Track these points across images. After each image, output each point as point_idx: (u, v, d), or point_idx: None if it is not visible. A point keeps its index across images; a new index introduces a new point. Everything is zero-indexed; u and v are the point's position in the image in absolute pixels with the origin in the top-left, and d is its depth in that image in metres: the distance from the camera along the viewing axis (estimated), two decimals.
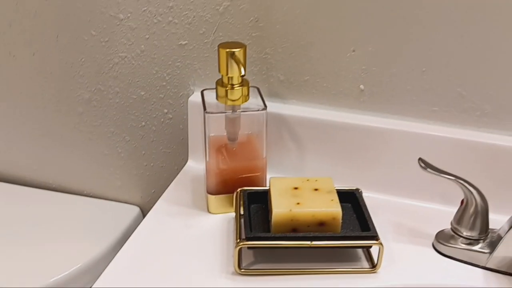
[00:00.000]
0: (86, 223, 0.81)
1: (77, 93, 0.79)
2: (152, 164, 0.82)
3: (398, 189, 0.66)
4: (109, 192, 0.87)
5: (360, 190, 0.61)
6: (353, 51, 0.63)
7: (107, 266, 0.56)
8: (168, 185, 0.68)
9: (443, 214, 0.61)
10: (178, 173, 0.72)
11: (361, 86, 0.65)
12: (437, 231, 0.60)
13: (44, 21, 0.74)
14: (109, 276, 0.55)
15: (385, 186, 0.66)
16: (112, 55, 0.74)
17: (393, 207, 0.65)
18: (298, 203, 0.54)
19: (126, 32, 0.71)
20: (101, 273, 0.55)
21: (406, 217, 0.64)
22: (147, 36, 0.71)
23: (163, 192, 0.67)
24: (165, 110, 0.76)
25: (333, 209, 0.54)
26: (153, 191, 0.84)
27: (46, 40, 0.75)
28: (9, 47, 0.78)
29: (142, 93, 0.75)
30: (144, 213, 0.87)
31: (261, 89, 0.66)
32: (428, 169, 0.56)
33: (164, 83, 0.74)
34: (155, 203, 0.66)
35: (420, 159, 0.57)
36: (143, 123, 0.78)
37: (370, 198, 0.63)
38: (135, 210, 0.86)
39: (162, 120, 0.77)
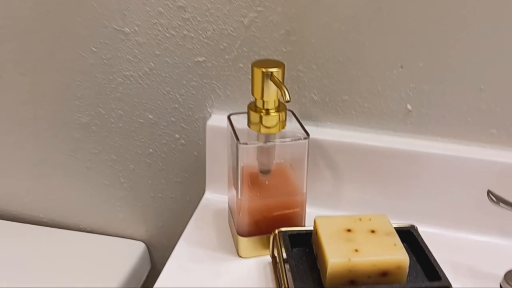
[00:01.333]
0: (86, 262, 0.72)
1: (74, 116, 0.69)
2: (160, 195, 0.73)
3: (453, 222, 0.59)
4: (109, 226, 0.77)
5: (415, 227, 0.53)
6: (401, 67, 0.56)
7: None
8: (178, 218, 0.59)
9: (503, 250, 0.54)
10: (190, 206, 0.64)
11: (409, 106, 0.57)
12: (501, 269, 0.52)
13: (37, 36, 0.64)
14: None
15: (437, 219, 0.59)
16: (115, 74, 0.64)
17: (449, 243, 0.58)
18: (356, 250, 0.46)
19: (133, 48, 0.62)
20: None
21: (464, 254, 0.56)
22: (157, 52, 0.62)
23: (171, 226, 0.58)
24: (177, 136, 0.67)
25: (398, 256, 0.46)
26: (160, 224, 0.75)
27: (39, 58, 0.65)
28: None
29: (150, 116, 0.66)
30: (150, 249, 0.77)
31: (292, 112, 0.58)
32: (501, 204, 0.49)
33: (177, 105, 0.64)
34: (162, 238, 0.57)
35: (489, 191, 0.50)
36: (151, 150, 0.69)
37: (422, 234, 0.55)
38: (141, 246, 0.77)
39: (173, 146, 0.68)
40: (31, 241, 0.75)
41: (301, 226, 0.55)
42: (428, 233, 0.58)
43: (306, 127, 0.60)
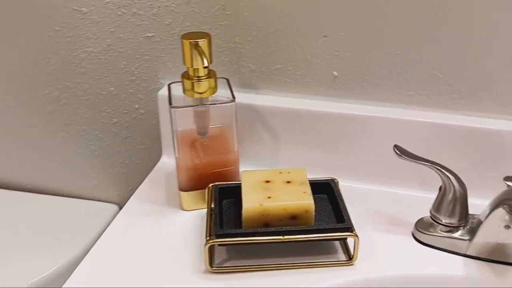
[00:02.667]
0: (64, 223, 0.79)
1: (45, 91, 0.76)
2: (127, 161, 0.80)
3: (376, 177, 0.64)
4: (86, 191, 0.85)
5: (336, 180, 0.59)
6: (325, 36, 0.61)
7: None
8: None
9: (423, 201, 0.59)
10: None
11: (335, 73, 0.63)
12: (417, 219, 0.58)
13: (5, 17, 0.71)
14: (78, 277, 0.53)
15: (362, 174, 0.64)
16: (78, 51, 0.71)
17: (371, 196, 0.63)
18: (269, 197, 0.53)
19: (91, 26, 0.69)
20: None
21: (384, 205, 0.62)
22: (112, 29, 0.68)
23: None
24: (136, 106, 0.73)
25: (305, 201, 0.52)
26: (130, 188, 0.82)
27: (7, 38, 0.72)
28: None
29: (112, 88, 0.73)
30: None
31: (232, 80, 0.64)
32: (404, 156, 0.54)
33: (133, 78, 0.71)
34: None
35: (395, 146, 0.55)
36: (115, 120, 0.76)
37: (347, 188, 0.61)
38: (114, 208, 0.84)
39: (134, 116, 0.75)
40: (14, 206, 0.83)
41: (236, 181, 0.61)
42: (354, 188, 0.64)
43: (246, 95, 0.67)
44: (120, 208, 0.84)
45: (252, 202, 0.52)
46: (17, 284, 0.68)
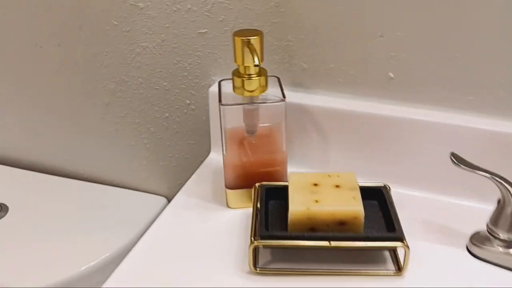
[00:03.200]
0: (115, 213, 0.82)
1: (102, 84, 0.78)
2: (177, 156, 0.81)
3: (429, 185, 0.61)
4: (137, 182, 0.87)
5: (388, 187, 0.57)
6: (381, 36, 0.59)
7: None
8: None
9: (479, 213, 0.56)
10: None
11: (390, 74, 0.60)
12: (472, 231, 0.55)
13: (67, 11, 0.73)
14: (123, 271, 0.54)
15: (415, 181, 0.62)
16: (134, 45, 0.73)
17: (424, 204, 0.61)
18: (316, 201, 0.51)
19: (147, 21, 0.70)
20: None
21: (437, 215, 0.59)
22: (167, 25, 0.69)
23: None
24: (188, 101, 0.74)
25: (354, 207, 0.51)
26: (179, 182, 0.83)
27: (70, 30, 0.75)
28: (36, 39, 0.78)
29: (165, 83, 0.74)
30: None
31: (283, 79, 0.63)
32: (461, 165, 0.51)
33: (186, 73, 0.72)
34: None
35: (452, 153, 0.52)
36: (167, 114, 0.77)
37: (398, 194, 0.59)
38: (162, 200, 0.86)
39: (185, 111, 0.75)
40: (69, 193, 0.86)
41: (283, 182, 0.60)
42: (405, 195, 0.62)
43: (297, 94, 0.65)
44: (168, 200, 0.86)
45: (299, 205, 0.51)
46: (66, 271, 0.70)
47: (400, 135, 0.61)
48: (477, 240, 0.54)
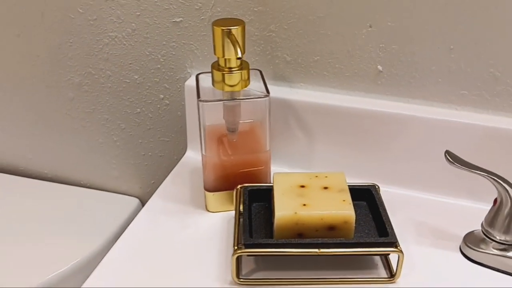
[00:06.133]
0: (84, 215, 0.76)
1: (67, 77, 0.72)
2: (150, 154, 0.76)
3: (421, 184, 0.59)
4: (107, 182, 0.81)
5: (377, 186, 0.54)
6: (370, 26, 0.55)
7: None
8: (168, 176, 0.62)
9: (473, 212, 0.54)
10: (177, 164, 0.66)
11: (379, 67, 0.57)
12: (466, 232, 0.53)
13: None
14: (95, 281, 0.49)
15: (405, 180, 0.59)
16: (101, 35, 0.67)
17: (415, 204, 0.58)
18: (304, 204, 0.48)
19: (115, 9, 0.64)
20: None
21: (429, 215, 0.56)
22: (137, 13, 0.63)
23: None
24: (161, 96, 0.69)
25: (345, 211, 0.47)
26: (152, 182, 0.78)
27: (31, 19, 0.69)
28: None
29: (136, 76, 0.68)
30: (144, 205, 0.81)
31: (265, 72, 0.59)
32: (456, 164, 0.48)
33: (159, 66, 0.66)
34: None
35: (447, 152, 0.49)
36: (139, 110, 0.71)
37: (388, 194, 0.56)
38: (134, 201, 0.80)
39: (158, 106, 0.70)
40: (34, 195, 0.80)
41: (267, 183, 0.56)
42: (396, 194, 0.59)
43: (280, 88, 0.61)
44: (141, 201, 0.81)
45: (286, 210, 0.47)
46: (33, 280, 0.65)
47: (390, 132, 0.58)
48: (471, 242, 0.51)
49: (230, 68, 0.51)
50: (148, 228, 0.56)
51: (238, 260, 0.49)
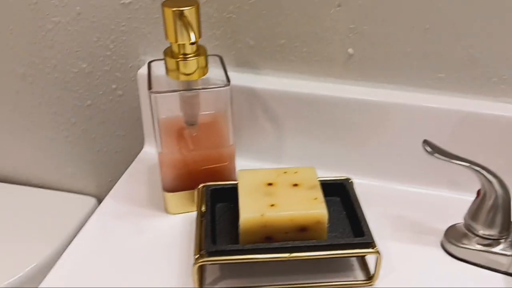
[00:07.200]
0: (39, 217, 0.71)
1: (8, 68, 0.65)
2: (105, 149, 0.70)
3: (398, 175, 0.55)
4: (61, 181, 0.75)
5: (350, 180, 0.50)
6: (339, 5, 0.50)
7: None
8: None
9: (455, 204, 0.50)
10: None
11: (350, 50, 0.52)
12: (447, 225, 0.49)
13: None
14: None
15: (381, 171, 0.55)
16: (44, 20, 0.60)
17: (392, 197, 0.54)
18: (272, 205, 0.43)
19: None
20: None
21: (407, 208, 0.53)
22: None
23: None
24: (113, 86, 0.63)
25: (317, 210, 0.43)
26: (110, 180, 0.73)
27: None
28: None
29: (84, 65, 0.62)
30: None
31: (226, 58, 0.53)
32: (436, 154, 0.44)
33: (109, 53, 0.60)
34: None
35: (425, 141, 0.45)
36: (89, 102, 0.65)
37: (363, 186, 0.52)
38: (91, 201, 0.75)
39: (111, 97, 0.64)
40: None
41: (231, 180, 0.51)
42: (371, 186, 0.55)
43: (243, 76, 0.56)
44: (98, 200, 0.75)
45: (252, 212, 0.42)
46: None
47: (363, 120, 0.53)
48: (453, 237, 0.48)
49: (185, 54, 0.46)
50: (101, 233, 0.50)
51: (201, 269, 0.44)
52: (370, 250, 0.43)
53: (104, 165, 0.71)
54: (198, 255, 0.42)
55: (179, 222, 0.51)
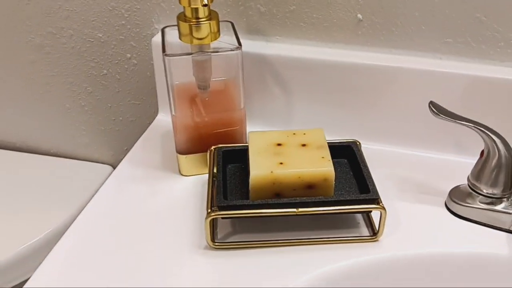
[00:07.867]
0: (56, 185, 0.73)
1: (26, 38, 0.67)
2: (121, 118, 0.72)
3: (404, 139, 0.56)
4: (77, 150, 0.77)
5: (358, 143, 0.51)
6: None
7: None
8: None
9: (458, 166, 0.52)
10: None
11: (359, 15, 0.53)
12: (451, 187, 0.50)
13: None
14: (61, 251, 0.46)
15: (388, 135, 0.56)
16: None
17: (398, 160, 0.55)
18: (281, 163, 0.45)
19: None
20: None
21: (413, 170, 0.54)
22: None
23: None
24: (128, 55, 0.65)
25: (324, 168, 0.44)
26: (125, 148, 0.75)
27: None
28: None
29: (100, 34, 0.64)
30: None
31: (238, 25, 0.54)
32: (441, 115, 0.46)
33: (124, 22, 0.62)
34: None
35: (431, 102, 0.46)
36: (105, 71, 0.67)
37: (370, 150, 0.53)
38: (108, 169, 0.77)
39: (126, 67, 0.66)
40: (4, 166, 0.76)
41: (242, 143, 0.53)
42: (378, 150, 0.56)
43: (254, 42, 0.57)
44: (114, 169, 0.77)
45: (262, 169, 0.44)
46: (9, 249, 0.63)
47: (371, 85, 0.54)
48: (457, 196, 0.49)
49: (198, 18, 0.47)
50: (117, 195, 0.52)
51: (213, 223, 0.46)
52: (375, 206, 0.44)
53: (120, 134, 0.73)
54: (210, 210, 0.44)
55: (192, 183, 0.53)
